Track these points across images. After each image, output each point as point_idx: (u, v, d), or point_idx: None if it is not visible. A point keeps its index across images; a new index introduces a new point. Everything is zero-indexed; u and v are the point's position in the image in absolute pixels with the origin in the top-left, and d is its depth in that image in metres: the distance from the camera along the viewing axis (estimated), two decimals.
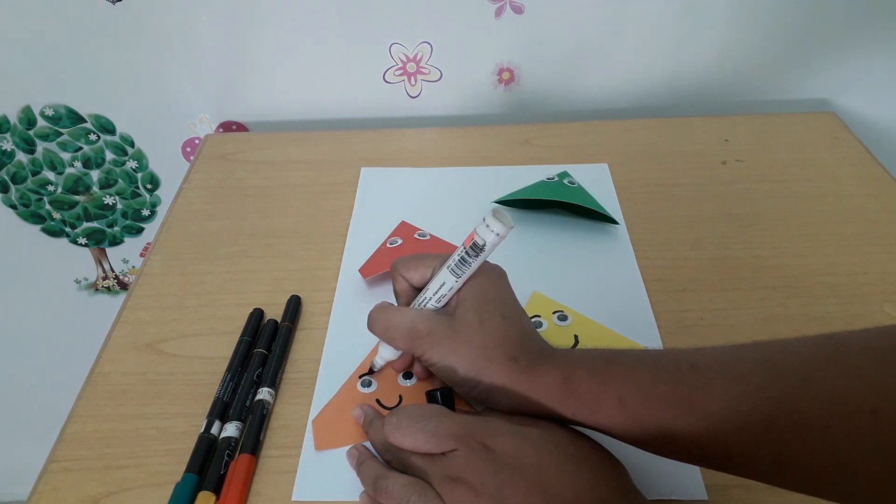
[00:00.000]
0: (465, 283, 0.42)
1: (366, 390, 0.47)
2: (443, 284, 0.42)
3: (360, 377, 0.48)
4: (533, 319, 0.50)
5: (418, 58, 0.74)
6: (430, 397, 0.45)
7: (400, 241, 0.58)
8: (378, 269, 0.56)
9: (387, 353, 0.46)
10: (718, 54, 0.74)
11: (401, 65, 0.75)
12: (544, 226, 0.61)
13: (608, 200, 0.63)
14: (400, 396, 0.47)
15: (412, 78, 0.76)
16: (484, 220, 0.39)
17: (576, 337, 0.50)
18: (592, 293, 0.54)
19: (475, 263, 0.40)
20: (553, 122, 0.75)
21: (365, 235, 0.61)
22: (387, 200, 0.65)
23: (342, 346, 0.51)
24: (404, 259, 0.45)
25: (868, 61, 0.75)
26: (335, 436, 0.45)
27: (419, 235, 0.59)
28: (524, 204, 0.63)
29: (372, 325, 0.44)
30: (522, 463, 0.36)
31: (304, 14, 0.70)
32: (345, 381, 0.48)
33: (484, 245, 0.39)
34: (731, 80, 0.76)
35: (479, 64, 0.75)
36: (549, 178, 0.63)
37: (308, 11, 0.70)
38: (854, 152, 0.70)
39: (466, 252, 0.40)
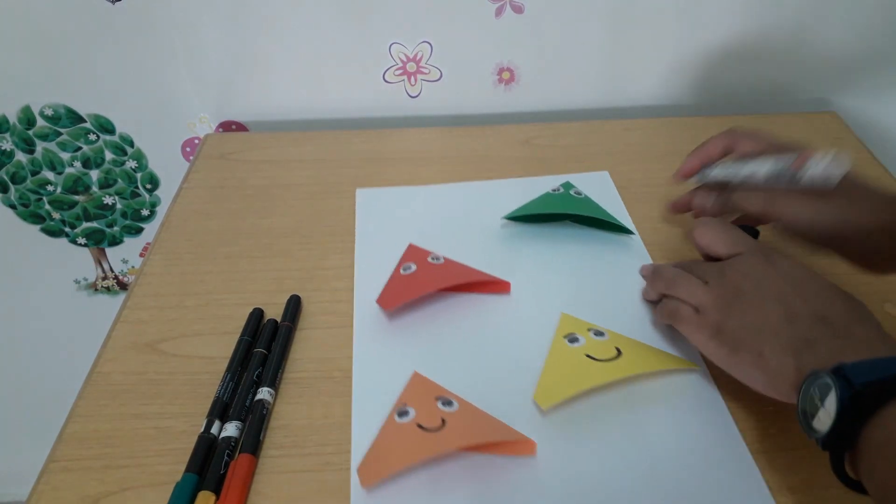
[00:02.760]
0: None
1: (403, 420, 0.43)
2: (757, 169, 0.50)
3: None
4: (569, 337, 0.49)
5: (418, 57, 0.74)
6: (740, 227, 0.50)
7: (414, 267, 0.55)
8: (399, 299, 0.53)
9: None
10: (719, 54, 0.74)
11: (401, 64, 0.75)
12: (558, 241, 0.60)
13: (615, 208, 0.62)
14: (442, 420, 0.43)
15: (412, 78, 0.76)
16: (826, 155, 0.46)
17: (617, 349, 0.48)
18: (620, 308, 0.53)
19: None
20: (553, 122, 0.75)
21: (373, 261, 0.58)
22: (387, 223, 0.62)
23: (370, 388, 0.48)
24: (747, 129, 0.54)
25: (869, 61, 0.75)
26: (381, 466, 0.42)
27: (433, 259, 0.56)
28: (532, 218, 0.61)
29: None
30: (790, 277, 0.42)
31: (304, 14, 0.70)
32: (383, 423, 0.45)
33: (808, 175, 0.47)
34: (731, 79, 0.76)
35: (479, 64, 0.75)
36: (553, 190, 0.62)
37: (308, 11, 0.70)
38: (854, 152, 0.70)
39: (790, 174, 0.48)
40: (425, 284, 0.53)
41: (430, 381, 0.47)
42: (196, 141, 0.81)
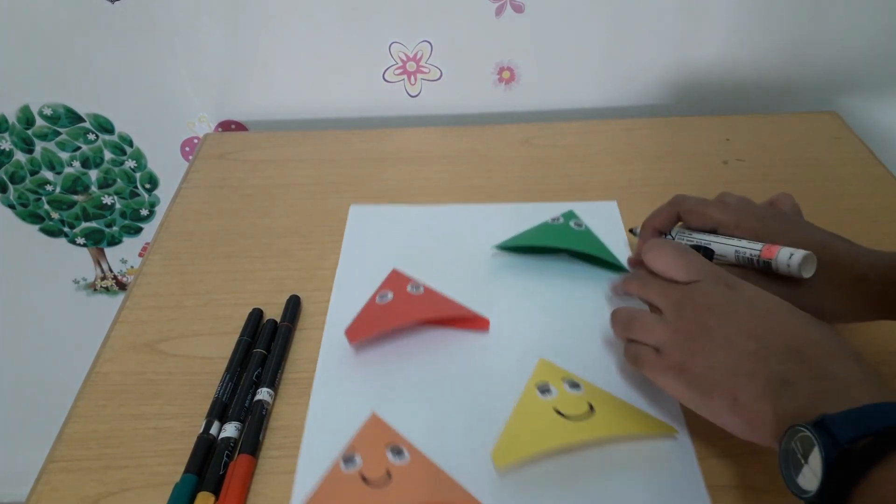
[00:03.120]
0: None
1: (348, 468, 0.41)
2: (722, 252, 0.47)
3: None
4: (541, 386, 0.45)
5: (418, 57, 0.74)
6: (694, 248, 0.48)
7: (391, 296, 0.52)
8: (368, 331, 0.49)
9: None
10: (719, 54, 0.74)
11: (401, 64, 0.75)
12: (548, 275, 0.56)
13: (617, 242, 0.58)
14: (388, 472, 0.41)
15: (412, 77, 0.76)
16: (793, 256, 0.43)
17: (590, 405, 0.44)
18: (604, 356, 0.49)
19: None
20: (553, 122, 0.75)
21: (353, 284, 0.55)
22: (377, 242, 0.60)
23: (324, 426, 0.45)
24: (693, 202, 0.50)
25: (869, 61, 0.75)
26: None
27: (412, 288, 0.52)
28: (526, 248, 0.58)
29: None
30: (756, 305, 0.40)
31: (303, 13, 0.70)
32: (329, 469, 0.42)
33: (777, 268, 0.44)
34: (732, 79, 0.76)
35: (479, 63, 0.75)
36: (553, 220, 0.58)
37: (308, 11, 0.70)
38: (855, 152, 0.70)
39: (760, 262, 0.44)
40: (398, 317, 0.50)
41: (386, 426, 0.45)
42: (195, 140, 0.81)
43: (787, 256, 0.43)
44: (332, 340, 0.51)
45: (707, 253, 0.48)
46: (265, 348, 0.50)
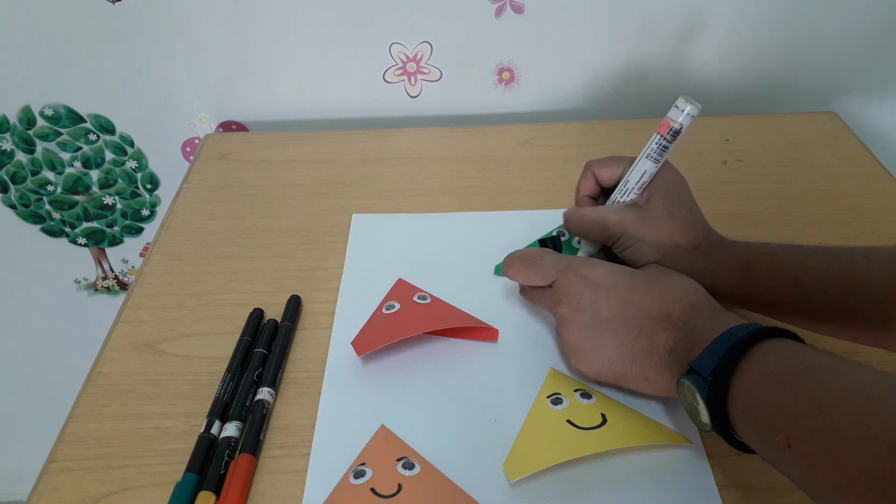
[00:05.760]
0: (653, 183, 0.47)
1: (358, 481, 0.40)
2: (644, 173, 0.47)
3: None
4: (553, 397, 0.45)
5: (418, 57, 0.74)
6: (542, 243, 0.52)
7: (398, 307, 0.51)
8: (375, 342, 0.48)
9: (588, 248, 0.52)
10: (719, 54, 0.74)
11: (401, 64, 0.75)
12: None
13: None
14: (399, 485, 0.40)
15: (412, 78, 0.76)
16: (676, 105, 0.45)
17: (603, 416, 0.43)
18: None
19: (672, 147, 0.46)
20: (553, 123, 0.75)
21: (358, 294, 0.55)
22: (381, 251, 0.59)
23: (333, 440, 0.45)
24: (599, 159, 0.51)
25: (869, 61, 0.75)
26: None
27: (419, 298, 0.52)
28: None
29: (569, 223, 0.50)
30: (616, 284, 0.43)
31: (304, 14, 0.70)
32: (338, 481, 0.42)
33: (681, 129, 0.45)
34: (731, 79, 0.76)
35: (479, 64, 0.75)
36: (560, 232, 0.57)
37: (308, 11, 0.70)
38: (854, 152, 0.70)
39: (665, 139, 0.45)
40: (405, 327, 0.49)
41: (396, 438, 0.44)
42: (196, 141, 0.81)
43: (676, 109, 0.45)
44: (338, 351, 0.51)
45: (556, 244, 0.53)
46: (266, 348, 0.50)
